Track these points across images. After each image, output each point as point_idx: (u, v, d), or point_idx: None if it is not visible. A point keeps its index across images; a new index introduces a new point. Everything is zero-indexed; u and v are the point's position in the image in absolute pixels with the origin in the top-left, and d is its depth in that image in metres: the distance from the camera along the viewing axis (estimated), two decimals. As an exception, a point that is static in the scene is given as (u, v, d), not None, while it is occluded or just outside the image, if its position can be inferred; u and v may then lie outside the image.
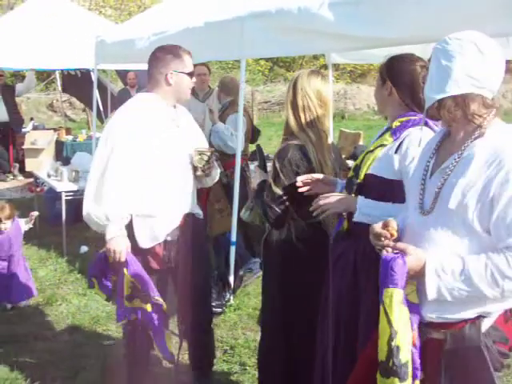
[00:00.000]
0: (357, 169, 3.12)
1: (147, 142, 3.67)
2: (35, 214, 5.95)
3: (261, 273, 6.32)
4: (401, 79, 3.04)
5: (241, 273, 6.22)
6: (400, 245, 2.38)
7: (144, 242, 3.79)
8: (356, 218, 3.01)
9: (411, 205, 2.54)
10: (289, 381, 3.75)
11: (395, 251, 2.36)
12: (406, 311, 2.33)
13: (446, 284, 2.27)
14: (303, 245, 3.54)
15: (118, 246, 3.67)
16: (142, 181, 3.69)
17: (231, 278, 5.79)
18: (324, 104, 3.59)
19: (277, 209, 3.49)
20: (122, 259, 3.66)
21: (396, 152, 2.92)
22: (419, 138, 2.64)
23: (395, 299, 2.31)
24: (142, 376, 4.00)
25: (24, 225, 5.85)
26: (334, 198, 3.12)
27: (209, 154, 3.94)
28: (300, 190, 3.27)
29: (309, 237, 3.52)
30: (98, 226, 3.73)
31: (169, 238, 3.83)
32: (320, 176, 3.32)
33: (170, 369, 4.40)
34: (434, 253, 2.32)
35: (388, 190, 2.95)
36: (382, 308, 2.35)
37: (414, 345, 2.36)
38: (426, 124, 2.94)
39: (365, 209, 2.98)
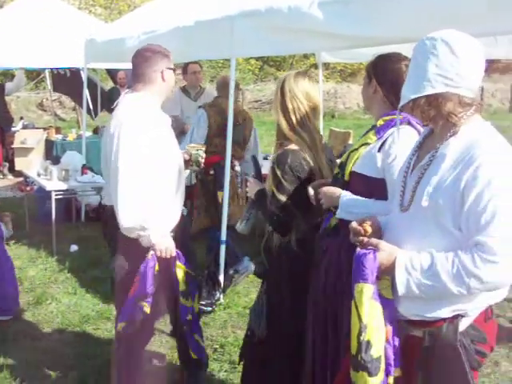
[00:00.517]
0: (342, 166, 3.15)
1: (157, 143, 3.72)
2: (8, 216, 5.84)
3: (250, 271, 6.38)
4: (385, 78, 3.06)
5: (230, 272, 6.23)
6: (373, 240, 2.42)
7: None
8: (338, 214, 3.04)
9: (394, 201, 2.57)
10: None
11: (369, 247, 2.40)
12: (377, 306, 2.37)
13: (414, 280, 2.29)
14: (304, 249, 3.49)
15: (168, 243, 3.75)
16: (157, 182, 3.73)
17: (221, 277, 5.80)
18: (313, 105, 3.59)
19: (283, 216, 3.47)
20: (174, 254, 3.78)
21: (379, 150, 2.95)
22: (402, 136, 2.68)
23: (365, 294, 2.36)
24: (137, 375, 3.99)
25: (5, 230, 5.77)
26: (325, 191, 3.14)
27: (203, 149, 4.18)
28: (311, 201, 3.27)
29: (310, 240, 3.44)
30: (140, 230, 3.66)
31: (171, 235, 3.87)
32: (327, 180, 3.34)
33: (160, 368, 4.41)
34: (408, 249, 2.35)
35: (371, 187, 2.98)
36: (352, 303, 2.39)
37: (387, 341, 2.39)
38: (409, 123, 2.98)
39: (347, 206, 3.01)
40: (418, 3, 3.97)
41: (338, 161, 3.33)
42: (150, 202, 3.65)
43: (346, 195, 3.03)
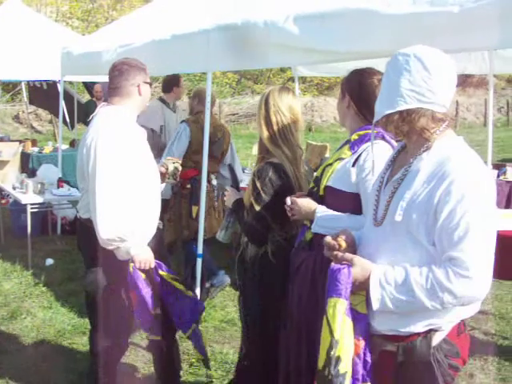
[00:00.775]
0: (317, 181, 3.18)
1: (134, 157, 3.72)
2: None
3: (225, 285, 6.39)
4: (358, 92, 3.11)
5: (207, 285, 6.22)
6: (347, 255, 2.43)
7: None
8: (313, 229, 3.08)
9: (368, 216, 2.59)
10: None
11: (343, 262, 2.41)
12: (349, 322, 2.37)
13: (388, 295, 2.30)
14: (279, 260, 3.51)
15: (147, 254, 3.76)
16: (136, 194, 3.73)
17: (197, 291, 5.78)
18: (296, 119, 3.62)
19: (259, 227, 3.51)
20: (153, 265, 3.78)
21: (353, 165, 2.97)
22: (377, 152, 2.70)
23: (338, 309, 2.36)
24: None
25: None
26: (301, 203, 3.16)
27: (180, 162, 4.24)
28: (288, 213, 3.27)
29: (285, 251, 3.47)
30: (119, 242, 3.65)
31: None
32: (304, 193, 3.35)
33: (136, 381, 4.38)
34: (382, 264, 2.36)
35: (346, 202, 3.01)
36: (324, 318, 2.39)
37: (357, 354, 2.40)
38: (383, 138, 3.01)
39: (321, 220, 3.05)
40: (392, 19, 4.01)
41: (314, 174, 3.36)
42: (127, 213, 3.65)
43: (320, 210, 3.06)
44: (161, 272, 3.83)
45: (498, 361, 4.81)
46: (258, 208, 3.47)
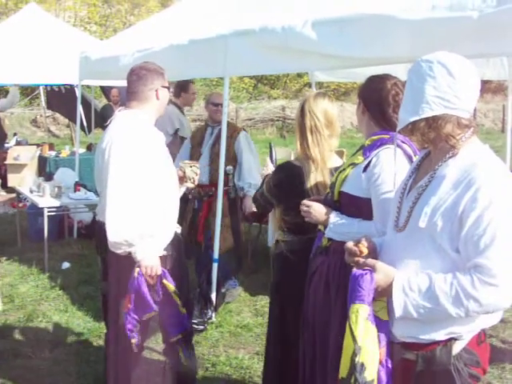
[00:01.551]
0: (332, 186, 3.20)
1: (149, 161, 3.72)
2: None
3: (240, 290, 6.40)
4: (370, 98, 3.13)
5: (223, 290, 6.22)
6: (370, 261, 2.42)
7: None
8: (327, 234, 3.11)
9: (389, 222, 2.57)
10: None
11: (365, 268, 2.40)
12: (372, 328, 2.35)
13: (412, 301, 2.28)
14: (295, 256, 3.67)
15: (154, 260, 3.72)
16: (148, 198, 3.72)
17: (213, 296, 5.78)
18: (330, 123, 3.65)
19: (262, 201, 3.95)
20: (159, 272, 3.74)
21: (364, 171, 2.98)
22: (386, 157, 2.72)
23: (361, 315, 2.34)
24: None
25: None
26: (315, 208, 3.21)
27: (198, 165, 4.17)
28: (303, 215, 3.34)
29: (300, 249, 3.62)
30: (127, 246, 3.66)
31: (164, 253, 3.85)
32: (320, 197, 3.38)
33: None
34: (405, 270, 2.34)
35: (360, 207, 3.03)
36: (347, 324, 2.38)
37: (380, 363, 2.37)
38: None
39: (334, 226, 3.06)
40: (410, 25, 3.99)
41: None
42: (140, 217, 3.64)
43: (333, 215, 3.08)
44: (164, 281, 3.77)
45: (516, 369, 4.77)
46: (265, 189, 3.86)
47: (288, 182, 3.72)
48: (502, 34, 3.61)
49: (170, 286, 3.78)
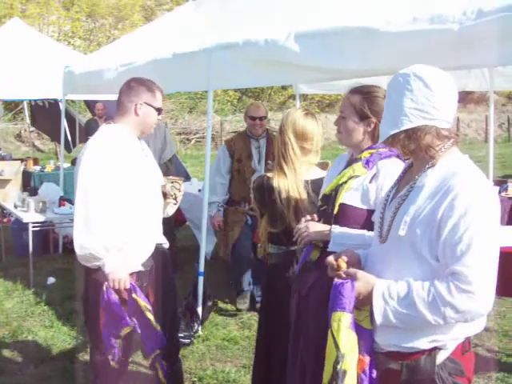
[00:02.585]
0: (328, 199, 3.17)
1: (122, 172, 3.66)
2: None
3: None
4: (369, 109, 3.13)
5: (209, 303, 6.20)
6: (351, 270, 2.45)
7: None
8: (330, 248, 3.06)
9: (374, 233, 2.59)
10: None
11: (347, 277, 2.43)
12: (353, 336, 2.38)
13: (391, 308, 2.30)
14: (277, 269, 3.81)
15: (122, 274, 3.63)
16: (119, 210, 3.67)
17: (199, 309, 5.77)
18: (305, 140, 3.69)
19: None
20: (128, 286, 3.64)
21: (370, 182, 2.99)
22: (394, 168, 2.73)
23: (343, 323, 2.37)
24: None
25: None
26: (312, 227, 3.19)
27: (180, 182, 4.02)
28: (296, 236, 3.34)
29: (280, 262, 3.77)
30: (94, 259, 3.63)
31: (142, 268, 3.80)
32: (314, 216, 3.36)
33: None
34: (387, 279, 2.37)
35: (361, 219, 3.02)
36: (329, 331, 2.40)
37: (363, 371, 2.39)
38: (398, 156, 3.02)
39: (339, 239, 3.04)
40: (393, 37, 4.04)
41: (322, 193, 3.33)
42: (107, 231, 3.59)
43: (336, 228, 3.06)
44: (134, 295, 3.66)
45: (502, 378, 4.78)
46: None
47: (260, 193, 3.84)
48: (481, 46, 3.66)
49: (140, 301, 3.68)
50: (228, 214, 6.39)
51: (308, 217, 3.26)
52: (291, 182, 3.69)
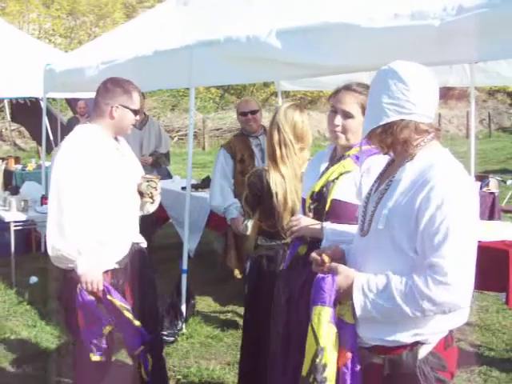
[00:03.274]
0: (320, 196, 3.16)
1: (96, 171, 3.63)
2: None
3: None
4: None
5: (192, 301, 6.19)
6: (332, 265, 2.47)
7: None
8: (324, 244, 3.04)
9: (357, 228, 2.60)
10: None
11: (329, 271, 2.45)
12: (333, 330, 2.40)
13: (371, 301, 2.32)
14: (266, 261, 3.88)
15: (94, 275, 3.58)
16: (92, 209, 3.64)
17: (183, 307, 5.76)
18: (301, 137, 3.68)
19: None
20: (101, 287, 3.60)
21: (363, 176, 2.99)
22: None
23: (324, 318, 2.39)
24: None
25: None
26: (304, 221, 3.19)
27: (157, 181, 3.96)
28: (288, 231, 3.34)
29: (270, 254, 3.85)
30: (66, 261, 3.59)
31: (117, 266, 3.78)
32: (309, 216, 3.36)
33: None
34: (368, 272, 2.38)
35: (349, 215, 3.01)
36: (309, 325, 2.42)
37: (344, 364, 2.41)
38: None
39: (332, 235, 3.03)
40: (374, 33, 4.05)
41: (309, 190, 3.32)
42: (78, 231, 3.55)
43: (328, 225, 3.06)
44: (109, 297, 3.62)
45: (485, 372, 4.82)
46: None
47: (258, 186, 3.83)
48: (462, 42, 3.69)
49: (116, 301, 3.63)
50: None
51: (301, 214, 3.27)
52: (289, 184, 3.71)
